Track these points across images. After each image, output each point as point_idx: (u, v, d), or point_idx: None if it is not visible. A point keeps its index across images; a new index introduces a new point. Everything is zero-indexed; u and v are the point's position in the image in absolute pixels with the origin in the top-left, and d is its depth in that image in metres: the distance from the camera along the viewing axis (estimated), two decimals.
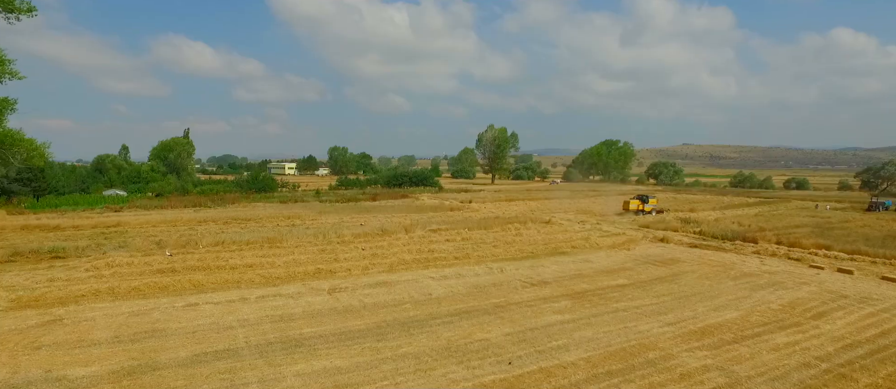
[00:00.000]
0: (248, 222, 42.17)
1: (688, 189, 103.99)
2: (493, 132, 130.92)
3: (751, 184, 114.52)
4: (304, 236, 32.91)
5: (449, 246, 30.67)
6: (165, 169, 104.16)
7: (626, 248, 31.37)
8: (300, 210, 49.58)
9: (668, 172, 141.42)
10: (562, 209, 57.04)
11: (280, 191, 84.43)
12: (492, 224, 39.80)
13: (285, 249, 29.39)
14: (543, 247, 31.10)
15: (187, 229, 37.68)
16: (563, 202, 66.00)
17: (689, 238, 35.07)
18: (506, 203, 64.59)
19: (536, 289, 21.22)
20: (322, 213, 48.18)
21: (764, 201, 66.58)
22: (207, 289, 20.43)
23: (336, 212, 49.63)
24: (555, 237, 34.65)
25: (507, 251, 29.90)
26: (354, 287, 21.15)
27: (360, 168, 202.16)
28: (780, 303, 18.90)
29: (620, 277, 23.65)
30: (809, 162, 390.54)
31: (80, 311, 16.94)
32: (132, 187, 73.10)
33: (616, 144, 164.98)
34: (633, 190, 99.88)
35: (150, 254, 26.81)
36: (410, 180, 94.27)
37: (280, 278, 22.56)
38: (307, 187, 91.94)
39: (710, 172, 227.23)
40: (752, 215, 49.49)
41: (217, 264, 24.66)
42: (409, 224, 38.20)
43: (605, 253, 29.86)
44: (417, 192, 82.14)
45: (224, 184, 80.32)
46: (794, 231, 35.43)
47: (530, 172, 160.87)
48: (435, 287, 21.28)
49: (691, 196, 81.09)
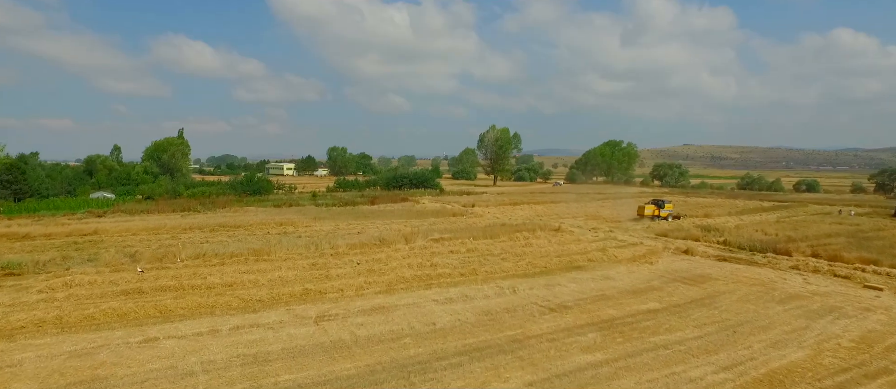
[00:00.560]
0: (237, 230, 39.29)
1: (696, 192, 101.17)
2: (495, 133, 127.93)
3: (759, 186, 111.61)
4: (294, 248, 30.04)
5: (453, 259, 27.79)
6: (159, 170, 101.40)
7: (649, 262, 28.49)
8: (294, 216, 46.70)
9: (674, 173, 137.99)
10: (570, 214, 54.17)
11: (276, 193, 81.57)
12: (498, 232, 36.94)
13: (273, 262, 26.52)
14: (557, 260, 28.22)
15: (170, 238, 34.80)
16: (570, 207, 63.13)
17: (714, 250, 32.17)
18: (510, 207, 61.74)
19: (556, 316, 18.35)
20: (317, 219, 45.31)
21: (779, 206, 63.69)
22: (175, 317, 17.55)
23: (332, 217, 46.76)
24: (568, 248, 31.78)
25: (518, 265, 27.03)
26: (346, 314, 18.27)
27: (359, 169, 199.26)
28: (851, 338, 16.01)
29: (650, 299, 20.77)
30: (811, 163, 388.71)
31: (8, 352, 14.03)
32: (121, 190, 70.15)
33: (619, 144, 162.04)
34: (639, 192, 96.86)
35: (119, 270, 23.93)
36: (410, 181, 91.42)
37: (262, 301, 19.68)
38: (304, 189, 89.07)
39: (711, 172, 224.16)
40: (773, 222, 46.60)
41: (193, 282, 21.79)
42: (409, 233, 35.34)
43: (625, 268, 26.98)
44: (418, 194, 79.29)
45: (218, 186, 77.35)
46: (829, 242, 32.53)
47: (532, 173, 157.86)
48: (439, 314, 18.40)
49: (702, 199, 78.22)
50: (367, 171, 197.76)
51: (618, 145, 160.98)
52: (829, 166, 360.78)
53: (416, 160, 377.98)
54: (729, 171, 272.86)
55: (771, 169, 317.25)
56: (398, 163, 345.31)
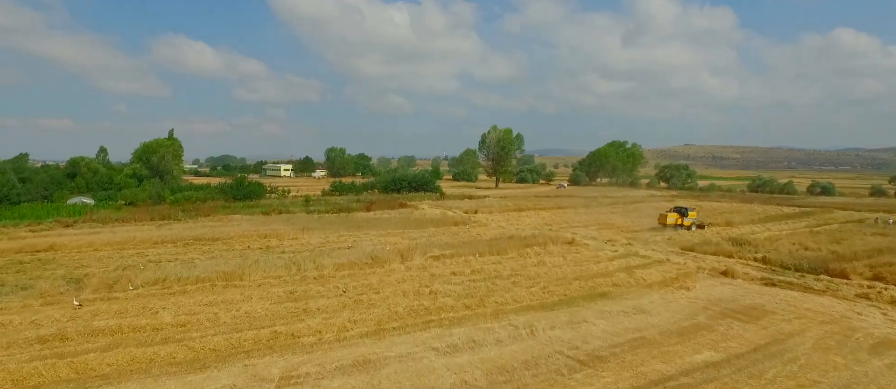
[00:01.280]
0: (215, 244, 35.25)
1: (705, 195, 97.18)
2: (497, 133, 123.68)
3: (771, 189, 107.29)
4: (273, 269, 26.00)
5: (456, 285, 23.73)
6: (148, 172, 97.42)
7: (684, 287, 24.41)
8: (281, 226, 42.61)
9: (681, 175, 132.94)
10: (581, 223, 50.08)
11: (268, 197, 77.63)
12: (506, 247, 32.91)
13: (244, 290, 22.49)
14: (577, 285, 24.15)
15: (135, 255, 30.75)
16: (579, 213, 59.03)
17: (755, 269, 28.08)
18: (515, 214, 57.68)
19: (591, 375, 14.29)
20: (306, 229, 41.22)
21: (803, 212, 59.54)
22: (93, 380, 13.48)
23: (323, 227, 42.68)
24: (587, 269, 27.71)
25: (532, 291, 22.97)
26: (320, 373, 14.21)
27: (358, 170, 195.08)
28: None
29: (702, 345, 16.70)
30: (812, 163, 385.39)
31: None
32: (102, 195, 66.09)
33: (624, 145, 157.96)
34: (647, 195, 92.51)
35: (53, 302, 19.87)
36: (409, 184, 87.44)
37: (216, 351, 15.61)
38: (300, 192, 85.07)
39: (714, 173, 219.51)
40: (805, 232, 42.52)
41: (137, 321, 17.72)
42: (405, 248, 31.33)
43: (659, 296, 22.91)
44: (417, 198, 75.29)
45: (206, 190, 73.22)
46: (887, 260, 28.44)
47: (535, 174, 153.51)
48: (440, 372, 14.34)
49: (715, 204, 74.14)
50: (365, 172, 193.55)
51: (622, 146, 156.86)
52: (831, 166, 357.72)
53: (417, 161, 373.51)
54: (730, 171, 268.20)
55: (773, 169, 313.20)
56: (398, 163, 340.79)
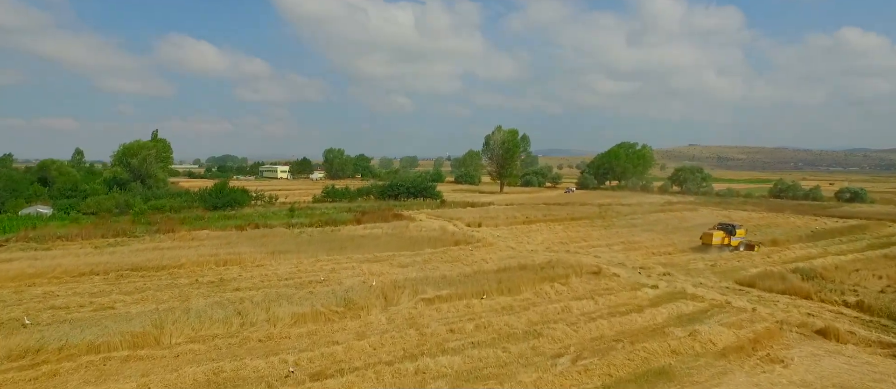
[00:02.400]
0: (157, 275, 28.45)
1: (725, 201, 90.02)
2: (501, 135, 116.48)
3: (794, 193, 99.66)
4: (207, 322, 19.23)
5: (454, 356, 16.81)
6: (129, 176, 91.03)
7: (776, 359, 17.39)
8: (248, 247, 35.76)
9: (695, 178, 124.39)
10: (602, 240, 43.07)
11: (254, 204, 70.97)
12: (518, 282, 26.03)
13: (151, 363, 15.73)
14: (623, 354, 17.17)
15: (39, 296, 23.88)
16: (596, 227, 51.99)
17: (858, 323, 21.01)
18: (524, 227, 50.74)
19: None
20: (276, 252, 34.34)
21: (853, 226, 52.18)
22: None
23: (299, 248, 35.84)
24: (629, 322, 20.74)
25: (559, 366, 16.08)
26: None
27: (357, 171, 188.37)
28: None
29: None
30: (820, 164, 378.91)
31: None
32: (63, 204, 59.37)
33: (633, 146, 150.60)
34: (664, 203, 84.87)
35: None
36: (408, 190, 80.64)
37: None
38: (287, 200, 78.46)
39: (722, 175, 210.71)
40: (879, 258, 35.40)
41: None
42: (391, 284, 24.56)
43: (745, 378, 15.94)
44: (415, 206, 68.52)
45: (184, 197, 66.50)
46: None
47: (541, 177, 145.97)
48: None
49: (742, 213, 67.07)
50: (365, 174, 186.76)
51: (632, 148, 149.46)
52: (839, 167, 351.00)
53: (419, 161, 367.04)
54: (737, 172, 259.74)
55: (780, 170, 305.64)
56: (400, 164, 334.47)
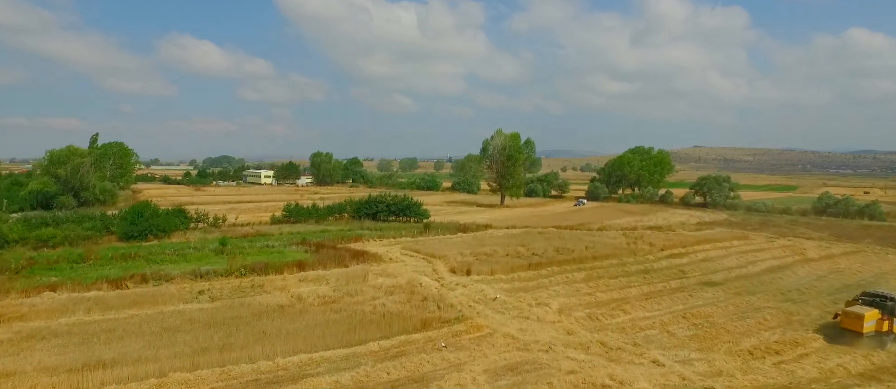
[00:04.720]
0: None
1: (769, 220, 75.42)
2: (502, 139, 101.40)
3: (845, 210, 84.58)
4: None
5: None
6: (58, 188, 76.80)
7: None
8: (50, 357, 21.17)
9: (722, 189, 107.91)
10: (650, 313, 28.32)
11: (193, 227, 56.61)
12: None
13: None
14: None
15: None
16: (630, 276, 37.28)
17: None
18: (531, 277, 36.09)
19: None
20: (101, 365, 19.73)
21: None
22: None
23: (157, 347, 21.23)
24: None
25: None
26: None
27: (347, 176, 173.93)
28: None
29: None
30: (828, 166, 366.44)
31: None
32: None
33: (649, 151, 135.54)
34: (694, 222, 69.47)
35: None
36: (388, 207, 66.40)
37: None
38: (240, 220, 64.26)
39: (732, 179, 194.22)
40: None
41: None
42: None
43: None
44: (392, 232, 54.13)
45: (90, 223, 51.99)
46: None
47: (546, 185, 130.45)
48: None
49: (806, 243, 52.48)
50: (356, 179, 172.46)
51: (647, 153, 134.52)
52: (849, 169, 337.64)
53: (419, 163, 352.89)
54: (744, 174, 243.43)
55: (787, 173, 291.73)
56: (399, 165, 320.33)
